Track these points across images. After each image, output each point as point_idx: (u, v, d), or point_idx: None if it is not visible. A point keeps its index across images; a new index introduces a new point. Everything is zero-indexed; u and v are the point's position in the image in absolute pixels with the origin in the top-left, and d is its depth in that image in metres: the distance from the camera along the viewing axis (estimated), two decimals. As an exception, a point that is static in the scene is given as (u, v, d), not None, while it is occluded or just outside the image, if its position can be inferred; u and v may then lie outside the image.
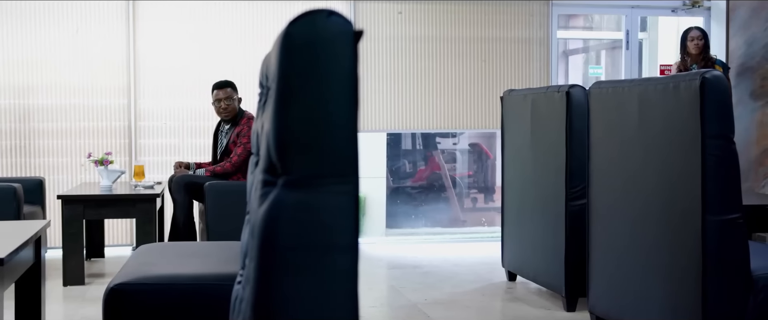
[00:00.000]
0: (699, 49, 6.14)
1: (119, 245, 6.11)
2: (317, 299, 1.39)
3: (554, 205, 4.24)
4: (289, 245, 1.39)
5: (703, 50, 6.15)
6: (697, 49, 6.13)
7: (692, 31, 6.24)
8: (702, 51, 6.15)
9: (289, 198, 1.39)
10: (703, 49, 6.16)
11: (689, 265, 3.05)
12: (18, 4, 6.01)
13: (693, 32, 6.23)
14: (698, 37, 6.18)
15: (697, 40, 6.16)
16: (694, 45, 6.15)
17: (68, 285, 4.77)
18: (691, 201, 3.03)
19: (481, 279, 5.05)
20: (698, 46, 6.14)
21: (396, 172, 8.19)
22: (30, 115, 6.05)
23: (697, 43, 6.14)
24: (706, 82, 2.97)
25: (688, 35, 6.21)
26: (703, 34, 6.21)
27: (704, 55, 6.14)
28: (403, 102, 6.62)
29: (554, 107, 4.26)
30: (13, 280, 2.93)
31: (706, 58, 6.15)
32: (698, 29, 6.27)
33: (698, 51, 6.13)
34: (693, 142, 3.00)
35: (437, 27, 6.67)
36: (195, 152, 6.18)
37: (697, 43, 6.14)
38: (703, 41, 6.17)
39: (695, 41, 6.15)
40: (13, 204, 4.68)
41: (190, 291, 2.61)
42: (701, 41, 6.16)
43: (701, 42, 6.16)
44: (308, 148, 1.40)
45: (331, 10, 1.42)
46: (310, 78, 1.39)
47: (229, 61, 6.21)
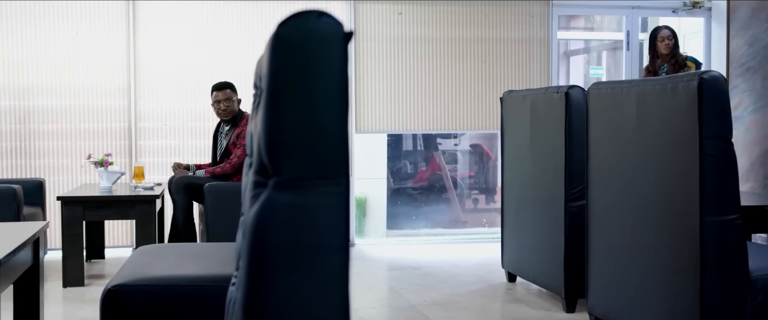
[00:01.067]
0: (669, 49, 5.96)
1: (119, 246, 6.11)
2: (308, 300, 1.39)
3: (553, 206, 4.24)
4: (280, 246, 1.39)
5: (673, 50, 5.98)
6: (668, 49, 5.96)
7: (662, 31, 6.05)
8: (672, 51, 5.98)
9: (280, 199, 1.39)
10: (673, 48, 5.99)
11: (687, 266, 3.04)
12: (18, 5, 6.02)
13: (662, 32, 6.04)
14: (668, 36, 6.01)
15: (667, 39, 5.98)
16: (664, 45, 5.97)
17: (68, 287, 4.77)
18: (689, 201, 3.02)
19: (480, 281, 5.05)
20: (668, 46, 5.96)
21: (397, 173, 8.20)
22: (30, 117, 6.06)
23: (668, 43, 5.97)
24: (704, 83, 2.97)
25: (658, 35, 6.02)
26: (672, 34, 6.03)
27: (674, 55, 5.97)
28: (404, 103, 6.62)
29: (553, 108, 4.26)
30: (11, 281, 2.93)
31: (677, 58, 5.97)
32: (667, 28, 6.09)
33: (669, 51, 5.96)
34: (691, 142, 3.00)
35: (437, 28, 6.67)
36: (195, 153, 6.19)
37: (667, 43, 5.97)
38: (672, 41, 5.99)
39: (665, 41, 5.98)
40: (13, 206, 4.68)
41: (187, 293, 2.61)
42: (671, 41, 5.99)
43: (671, 41, 5.98)
44: (298, 149, 1.40)
45: (321, 11, 1.42)
46: (300, 79, 1.39)
47: (229, 62, 6.22)
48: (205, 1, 6.28)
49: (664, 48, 5.96)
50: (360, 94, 6.53)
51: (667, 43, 5.96)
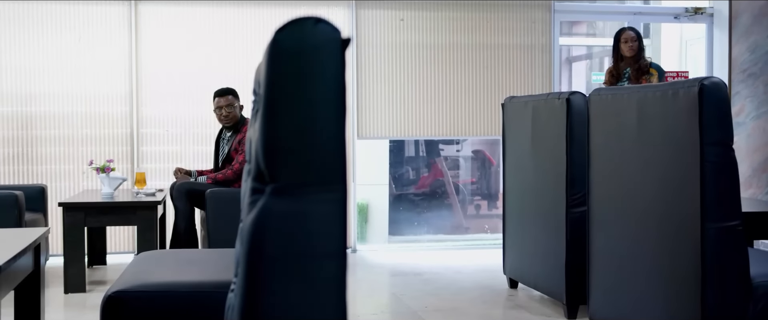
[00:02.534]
0: (633, 51, 5.60)
1: (121, 252, 6.12)
2: (305, 306, 1.39)
3: (555, 212, 4.24)
4: (276, 253, 1.39)
5: (637, 53, 5.62)
6: (632, 51, 5.60)
7: (625, 32, 5.70)
8: (636, 53, 5.61)
9: (276, 206, 1.39)
10: (637, 51, 5.63)
11: (689, 272, 3.04)
12: (20, 11, 6.04)
13: (626, 33, 5.69)
14: (632, 38, 5.64)
15: (631, 41, 5.62)
16: (628, 47, 5.61)
17: (69, 293, 4.77)
18: (690, 208, 3.02)
19: (482, 287, 5.04)
20: (632, 48, 5.60)
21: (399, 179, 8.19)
22: (32, 123, 6.07)
23: (632, 45, 5.60)
24: (705, 89, 2.97)
25: (622, 36, 5.67)
26: (637, 36, 5.69)
27: (638, 59, 5.61)
28: (406, 109, 6.62)
29: (554, 114, 4.26)
30: (12, 287, 2.93)
31: (640, 64, 5.61)
32: (632, 30, 5.75)
33: (632, 53, 5.60)
34: (692, 148, 2.99)
35: (439, 34, 6.68)
36: (197, 159, 6.19)
37: (631, 45, 5.61)
38: (637, 43, 5.63)
39: (629, 43, 5.62)
40: (15, 212, 4.69)
41: (187, 299, 2.61)
42: (635, 43, 5.62)
43: (635, 43, 5.62)
44: (295, 156, 1.40)
45: (318, 18, 1.42)
46: (296, 86, 1.39)
47: (231, 68, 6.23)
48: (208, 8, 6.30)
49: (628, 50, 5.62)
50: (362, 100, 6.53)
51: (631, 46, 5.62)
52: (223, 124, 5.41)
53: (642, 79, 5.59)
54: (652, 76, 5.59)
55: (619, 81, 5.68)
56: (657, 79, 5.58)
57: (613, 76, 5.71)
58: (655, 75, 5.59)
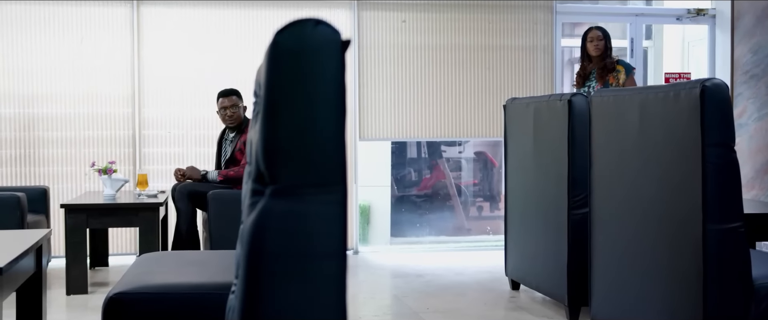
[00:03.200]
0: (599, 50, 5.48)
1: (123, 254, 6.12)
2: (305, 307, 1.39)
3: (556, 214, 4.23)
4: (276, 254, 1.39)
5: (604, 52, 5.49)
6: (598, 50, 5.48)
7: (592, 31, 5.57)
8: (603, 52, 5.49)
9: (276, 207, 1.40)
10: (604, 50, 5.49)
11: (690, 274, 3.03)
12: (23, 13, 6.05)
13: (592, 32, 5.56)
14: (598, 37, 5.51)
15: (596, 40, 5.50)
16: (594, 46, 5.49)
17: (71, 294, 4.77)
18: (691, 209, 3.02)
19: (484, 288, 5.04)
20: (598, 47, 5.48)
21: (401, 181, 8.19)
22: (34, 124, 6.08)
23: (597, 45, 5.48)
24: (706, 90, 2.96)
25: (588, 36, 5.56)
26: (604, 35, 5.54)
27: (604, 58, 5.48)
28: (407, 110, 6.62)
29: (556, 115, 4.26)
30: (14, 289, 2.93)
31: (606, 62, 5.48)
32: (598, 29, 5.60)
33: (598, 52, 5.48)
34: (693, 150, 2.99)
35: (441, 35, 6.68)
36: (199, 161, 6.19)
37: (597, 44, 5.48)
38: (603, 42, 5.50)
39: (595, 42, 5.49)
40: (17, 213, 4.69)
41: (188, 300, 2.61)
42: (601, 42, 5.49)
43: (601, 42, 5.49)
44: (294, 157, 1.40)
45: (318, 19, 1.42)
46: (296, 87, 1.39)
47: (233, 69, 6.23)
48: (210, 9, 6.31)
49: (594, 49, 5.50)
50: (364, 102, 6.53)
51: (596, 45, 5.49)
52: (227, 125, 5.42)
53: (609, 76, 5.46)
54: (619, 72, 5.45)
55: (586, 81, 5.56)
56: (624, 76, 5.44)
57: (580, 77, 5.59)
58: (622, 71, 5.45)
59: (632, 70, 5.54)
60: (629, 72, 5.49)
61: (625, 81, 5.45)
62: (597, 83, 5.51)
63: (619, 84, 5.45)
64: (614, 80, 5.47)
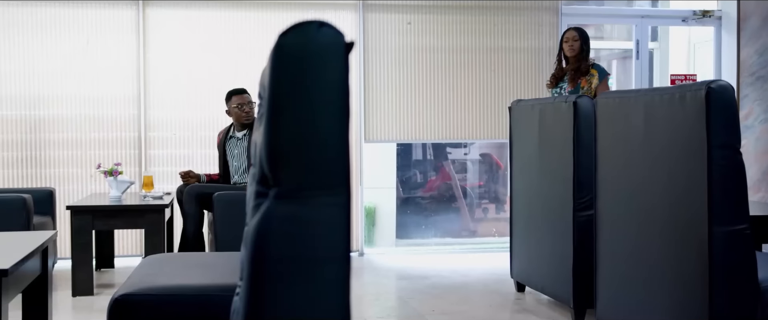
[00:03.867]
0: (574, 51, 5.31)
1: (129, 255, 6.13)
2: (308, 309, 1.39)
3: (562, 216, 4.23)
4: (280, 256, 1.39)
5: (579, 53, 5.33)
6: (573, 51, 5.32)
7: (568, 32, 5.42)
8: (578, 54, 5.32)
9: (280, 210, 1.40)
10: (579, 51, 5.33)
11: (696, 276, 3.02)
12: (29, 15, 6.06)
13: (569, 32, 5.41)
14: (574, 37, 5.35)
15: (572, 40, 5.34)
16: (569, 46, 5.34)
17: (77, 296, 4.78)
18: (697, 211, 3.01)
19: (489, 290, 5.03)
20: (573, 48, 5.32)
21: (406, 182, 8.19)
22: (40, 126, 6.09)
23: (572, 45, 5.32)
24: (712, 92, 2.96)
25: (564, 36, 5.42)
26: (580, 36, 5.37)
27: (579, 60, 5.31)
28: (413, 112, 6.62)
29: (561, 117, 4.25)
30: (19, 291, 2.94)
31: (580, 64, 5.31)
32: (576, 29, 5.43)
33: (573, 53, 5.32)
34: (699, 151, 2.98)
35: (446, 37, 6.68)
36: (204, 163, 6.20)
37: (572, 44, 5.33)
38: (578, 42, 5.33)
39: (570, 42, 5.34)
40: (23, 215, 4.70)
41: (193, 302, 2.61)
42: (576, 42, 5.33)
43: (576, 43, 5.33)
44: (298, 160, 1.40)
45: (322, 21, 1.42)
46: (300, 89, 1.39)
47: (239, 71, 6.24)
48: (215, 11, 6.32)
49: (569, 49, 5.34)
50: (369, 104, 6.53)
51: (571, 45, 5.34)
52: (243, 122, 5.42)
53: (581, 80, 5.31)
54: (593, 76, 5.30)
55: (559, 82, 5.43)
56: (597, 80, 5.29)
57: (554, 78, 5.48)
58: (595, 76, 5.30)
59: (606, 75, 5.36)
60: (603, 77, 5.32)
61: (598, 86, 5.26)
62: (568, 85, 5.36)
63: (590, 88, 5.26)
64: (586, 84, 5.29)
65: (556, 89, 5.46)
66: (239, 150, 5.46)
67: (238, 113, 5.39)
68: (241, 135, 5.46)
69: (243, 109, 5.37)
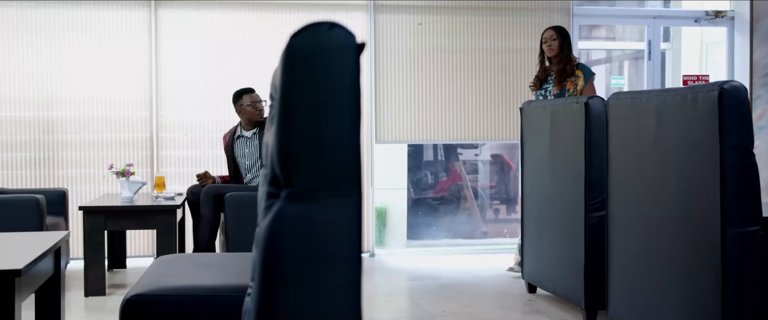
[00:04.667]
0: (553, 51, 5.19)
1: (141, 256, 6.15)
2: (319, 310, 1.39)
3: (573, 217, 4.22)
4: (291, 257, 1.39)
5: (559, 53, 5.19)
6: (551, 51, 5.19)
7: (546, 32, 5.28)
8: (558, 54, 5.19)
9: (291, 211, 1.40)
10: (559, 51, 5.19)
11: (709, 278, 3.01)
12: (42, 17, 6.10)
13: (546, 32, 5.27)
14: (551, 37, 5.21)
15: (550, 40, 5.21)
16: (547, 47, 5.21)
17: (90, 296, 4.80)
18: (710, 213, 3.00)
19: (500, 292, 5.02)
20: (552, 48, 5.19)
21: (417, 183, 8.19)
22: (53, 127, 6.13)
23: (551, 45, 5.19)
24: (724, 93, 2.95)
25: (542, 36, 5.28)
26: (558, 34, 5.23)
27: (561, 60, 5.18)
28: (424, 113, 6.62)
29: (573, 118, 4.24)
30: (32, 291, 2.96)
31: (564, 65, 5.18)
32: (553, 28, 5.30)
33: (552, 53, 5.19)
34: (712, 153, 2.97)
35: (457, 38, 6.67)
36: (216, 164, 6.22)
37: (550, 44, 5.20)
38: (557, 42, 5.20)
39: (548, 42, 5.21)
40: (36, 215, 4.73)
41: (205, 303, 2.62)
42: (555, 42, 5.19)
43: (555, 42, 5.19)
44: (309, 161, 1.40)
45: (333, 22, 1.42)
46: (311, 90, 1.39)
47: (250, 72, 6.25)
48: (227, 12, 6.33)
49: (548, 50, 5.22)
50: (380, 105, 6.54)
51: (549, 45, 5.20)
52: (256, 119, 5.44)
53: (567, 81, 5.20)
54: (578, 77, 5.19)
55: (543, 84, 5.33)
56: (583, 81, 5.18)
57: (538, 80, 5.37)
58: (580, 77, 5.18)
59: (592, 75, 5.24)
60: (588, 77, 5.20)
61: (584, 87, 5.17)
62: (554, 88, 5.26)
63: (576, 90, 5.17)
64: (572, 86, 5.19)
65: (540, 92, 5.37)
66: (250, 148, 5.47)
67: (251, 111, 5.41)
68: (251, 134, 5.47)
69: (256, 107, 5.41)
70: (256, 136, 5.45)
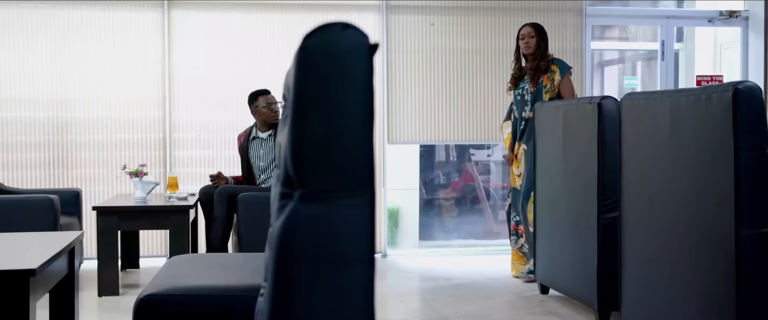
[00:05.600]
0: (530, 48, 5.14)
1: (154, 256, 6.18)
2: (332, 311, 1.40)
3: (586, 218, 4.21)
4: (304, 258, 1.39)
5: (535, 50, 5.14)
6: (528, 48, 5.14)
7: (523, 28, 5.22)
8: (535, 51, 5.14)
9: (304, 211, 1.40)
10: (535, 48, 5.14)
11: (722, 279, 3.00)
12: (56, 18, 6.13)
13: (523, 29, 5.21)
14: (529, 34, 5.16)
15: (527, 37, 5.17)
16: (524, 44, 5.16)
17: (103, 296, 4.83)
18: (724, 213, 2.98)
19: (513, 292, 5.01)
20: (529, 45, 5.14)
21: (429, 184, 8.18)
22: (67, 128, 6.16)
23: (528, 42, 5.14)
24: (739, 93, 2.93)
25: (519, 33, 5.23)
26: (535, 30, 5.17)
27: (536, 56, 5.13)
28: (436, 114, 6.61)
29: (586, 119, 4.23)
30: (47, 290, 2.97)
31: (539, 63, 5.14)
32: (530, 25, 5.23)
33: (529, 51, 5.14)
34: (726, 153, 2.96)
35: (469, 39, 6.66)
36: (229, 164, 6.23)
37: (527, 41, 5.15)
38: (534, 39, 5.15)
39: (526, 39, 5.16)
40: (50, 216, 4.76)
41: (218, 303, 2.63)
42: (532, 39, 5.14)
43: (532, 40, 5.14)
44: (323, 162, 1.40)
45: (346, 23, 1.42)
46: (324, 91, 1.39)
47: (263, 73, 6.27)
48: (240, 13, 6.35)
49: (525, 47, 5.17)
50: (392, 105, 6.54)
51: (527, 42, 5.15)
52: (272, 121, 5.45)
53: (542, 77, 5.17)
54: (554, 73, 5.14)
55: (520, 82, 5.30)
56: (559, 76, 5.14)
57: (514, 79, 5.33)
58: (556, 71, 5.14)
59: (568, 69, 5.19)
60: (564, 72, 5.15)
61: (561, 82, 5.13)
62: (530, 85, 5.22)
63: (553, 85, 5.15)
64: (548, 81, 5.15)
65: (517, 91, 5.33)
66: (265, 150, 5.48)
67: (266, 112, 5.42)
68: (266, 135, 5.48)
69: (272, 108, 5.42)
70: (272, 137, 5.46)
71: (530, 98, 5.23)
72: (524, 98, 5.27)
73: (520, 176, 5.34)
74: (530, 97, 5.22)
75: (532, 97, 5.22)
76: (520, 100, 5.32)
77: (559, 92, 5.19)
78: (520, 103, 5.32)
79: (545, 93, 5.18)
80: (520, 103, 5.33)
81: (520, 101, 5.33)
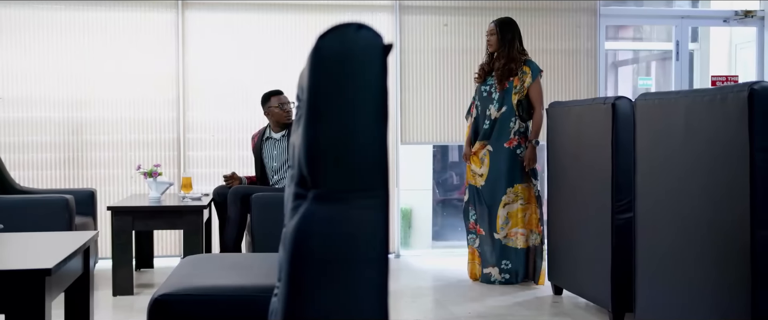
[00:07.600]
0: (492, 46, 5.11)
1: (168, 256, 6.20)
2: (346, 310, 1.40)
3: (600, 219, 4.19)
4: (318, 257, 1.40)
5: (499, 48, 5.08)
6: (490, 46, 5.12)
7: (488, 26, 5.17)
8: (498, 49, 5.08)
9: (319, 211, 1.40)
10: (498, 46, 5.08)
11: (738, 280, 2.98)
12: (71, 19, 6.17)
13: (488, 27, 5.15)
14: (490, 31, 5.11)
15: (489, 34, 5.13)
16: (487, 41, 5.14)
17: (117, 295, 4.85)
18: (739, 215, 2.96)
19: (526, 293, 5.00)
20: (491, 43, 5.12)
21: (442, 185, 8.17)
22: (82, 128, 6.20)
23: (490, 40, 5.11)
24: (754, 94, 2.91)
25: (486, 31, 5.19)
26: (497, 27, 5.10)
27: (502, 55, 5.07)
28: (449, 114, 6.61)
29: (600, 119, 4.22)
30: (62, 290, 2.99)
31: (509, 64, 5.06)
32: (494, 22, 5.16)
33: (491, 48, 5.11)
34: (741, 154, 2.94)
35: (482, 39, 6.62)
36: (242, 164, 6.25)
37: (488, 38, 5.12)
38: (495, 36, 5.09)
39: (488, 36, 5.14)
40: (65, 216, 4.78)
41: (232, 303, 2.63)
42: (493, 36, 5.09)
43: (493, 37, 5.09)
44: (337, 162, 1.41)
45: (360, 24, 1.43)
46: (338, 91, 1.40)
47: (277, 73, 6.28)
48: (254, 14, 6.37)
49: (488, 44, 5.15)
50: (405, 106, 6.54)
51: (488, 39, 5.12)
52: (284, 121, 5.46)
53: (513, 79, 5.11)
54: (526, 74, 5.09)
55: (488, 75, 5.24)
56: (531, 78, 5.09)
57: (483, 71, 5.28)
58: (528, 73, 5.09)
59: (539, 72, 5.15)
60: (536, 74, 5.12)
61: (531, 85, 5.10)
62: (497, 86, 5.17)
63: (523, 86, 5.11)
64: (519, 82, 5.11)
65: (484, 86, 5.28)
66: (278, 150, 5.49)
67: (279, 113, 5.43)
68: (280, 136, 5.49)
69: (284, 108, 5.42)
70: (285, 138, 5.47)
71: (498, 97, 5.19)
72: (491, 95, 5.23)
73: (483, 176, 5.27)
74: (498, 95, 5.19)
75: (499, 97, 5.19)
76: (486, 96, 5.27)
77: (528, 94, 5.17)
78: (486, 100, 5.27)
79: (514, 94, 5.16)
80: (485, 99, 5.27)
81: (485, 97, 5.27)
